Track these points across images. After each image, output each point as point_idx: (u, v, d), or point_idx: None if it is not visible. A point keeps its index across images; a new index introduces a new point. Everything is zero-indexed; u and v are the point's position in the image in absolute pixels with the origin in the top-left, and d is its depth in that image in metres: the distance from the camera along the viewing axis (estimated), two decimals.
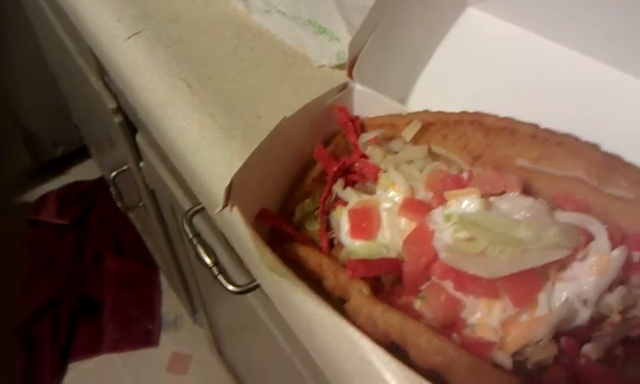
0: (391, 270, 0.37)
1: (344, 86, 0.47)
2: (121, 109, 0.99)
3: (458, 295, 0.35)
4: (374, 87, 0.46)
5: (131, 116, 0.96)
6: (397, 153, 0.42)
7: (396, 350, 0.34)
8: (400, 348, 0.34)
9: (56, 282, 1.65)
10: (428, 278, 0.36)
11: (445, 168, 0.41)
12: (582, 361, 0.33)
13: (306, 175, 0.44)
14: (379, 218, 0.39)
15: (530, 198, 0.36)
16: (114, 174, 1.15)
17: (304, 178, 0.44)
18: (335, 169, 0.42)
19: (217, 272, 0.67)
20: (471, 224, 0.35)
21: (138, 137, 0.99)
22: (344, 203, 0.42)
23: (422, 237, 0.36)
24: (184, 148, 0.51)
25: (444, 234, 0.36)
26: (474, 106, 0.41)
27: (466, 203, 0.36)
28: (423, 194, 0.40)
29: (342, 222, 0.40)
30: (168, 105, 0.53)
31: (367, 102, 0.46)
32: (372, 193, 0.42)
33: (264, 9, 0.60)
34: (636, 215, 0.35)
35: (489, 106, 0.40)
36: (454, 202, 0.37)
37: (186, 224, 0.70)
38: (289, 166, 0.44)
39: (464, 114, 0.41)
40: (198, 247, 0.69)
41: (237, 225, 0.43)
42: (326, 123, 0.46)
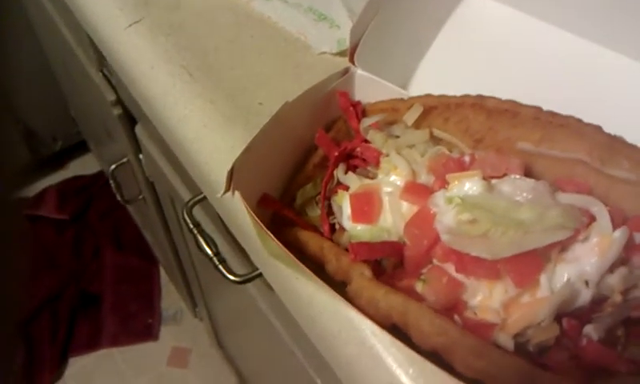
0: (393, 253, 0.37)
1: (345, 71, 0.47)
2: (120, 101, 0.99)
3: (460, 277, 0.35)
4: (375, 72, 0.46)
5: (130, 108, 0.96)
6: (398, 137, 0.42)
7: (397, 332, 0.34)
8: (401, 331, 0.34)
9: (56, 277, 1.65)
10: (430, 261, 0.36)
11: (447, 152, 0.41)
12: (584, 342, 0.33)
13: (307, 161, 0.44)
14: (381, 202, 0.39)
15: (532, 180, 0.36)
16: (114, 167, 1.15)
17: (305, 164, 0.44)
18: (336, 154, 0.42)
19: (217, 262, 0.67)
20: (473, 206, 0.35)
21: (138, 129, 0.99)
22: (345, 188, 0.42)
23: (423, 220, 0.36)
24: (185, 136, 0.51)
25: (446, 217, 0.36)
26: (475, 90, 0.41)
27: (468, 185, 0.36)
28: (425, 178, 0.40)
29: (344, 206, 0.40)
30: (169, 93, 0.53)
31: (368, 87, 0.46)
32: (373, 177, 0.42)
33: None
34: (638, 197, 0.35)
35: (490, 89, 0.40)
36: (455, 185, 0.37)
37: (187, 214, 0.70)
38: (290, 151, 0.44)
39: (465, 97, 0.41)
40: (199, 237, 0.69)
41: (238, 211, 0.43)
42: (328, 108, 0.46)
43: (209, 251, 0.68)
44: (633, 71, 0.40)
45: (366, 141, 0.43)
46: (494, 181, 0.37)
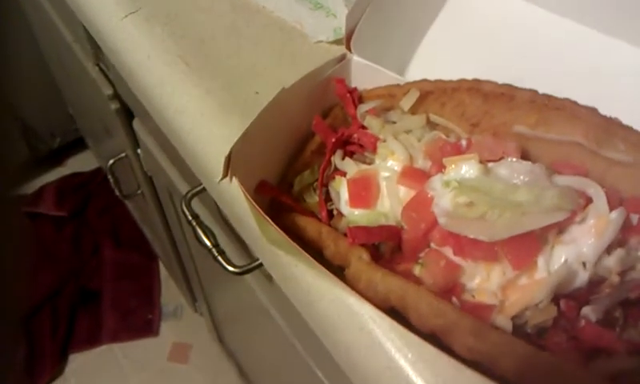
0: (391, 237, 0.37)
1: (342, 57, 0.46)
2: (117, 95, 0.99)
3: (457, 260, 0.35)
4: (371, 59, 0.46)
5: (128, 102, 0.96)
6: (395, 123, 0.42)
7: (396, 316, 0.34)
8: (400, 314, 0.34)
9: (55, 274, 1.65)
10: (427, 245, 0.36)
11: (443, 137, 0.41)
12: (582, 323, 0.33)
13: (304, 148, 0.44)
14: (378, 187, 0.39)
15: (529, 163, 0.36)
16: (112, 162, 1.15)
17: (302, 151, 0.44)
18: (334, 140, 0.42)
19: (216, 253, 0.67)
20: (470, 189, 0.35)
21: (135, 123, 0.99)
22: (343, 174, 0.42)
23: (421, 204, 0.36)
24: (182, 126, 0.51)
25: (443, 200, 0.36)
26: (472, 75, 0.41)
27: (465, 169, 0.36)
28: (422, 163, 0.40)
29: (342, 191, 0.40)
30: (166, 83, 0.53)
31: (365, 74, 0.46)
32: (371, 163, 0.42)
33: None
34: (634, 178, 0.35)
35: (486, 73, 0.40)
36: (452, 168, 0.37)
37: (185, 206, 0.70)
38: (287, 138, 0.44)
39: (462, 81, 0.41)
40: (197, 229, 0.69)
41: (236, 199, 0.43)
42: (324, 96, 0.46)
43: (207, 243, 0.68)
44: (628, 55, 0.40)
45: (363, 127, 0.43)
46: (490, 164, 0.37)
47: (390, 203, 0.38)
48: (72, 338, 1.59)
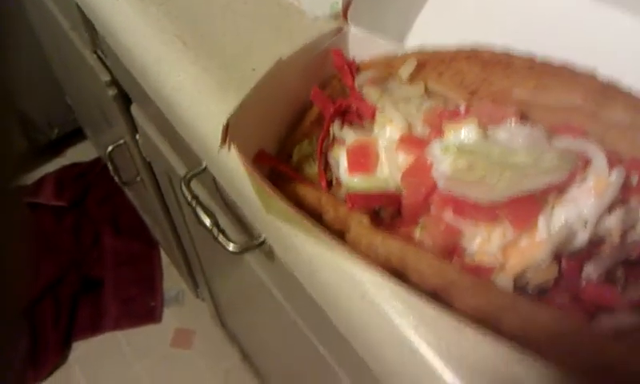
0: (390, 202, 0.37)
1: (339, 29, 0.46)
2: (115, 81, 0.98)
3: (458, 223, 0.35)
4: (369, 29, 0.46)
5: (125, 87, 0.96)
6: (393, 92, 0.42)
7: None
8: (401, 277, 0.34)
9: (56, 263, 1.65)
10: (427, 210, 0.36)
11: (442, 105, 0.41)
12: (583, 283, 0.33)
13: (302, 118, 0.44)
14: (377, 154, 0.39)
15: (528, 126, 0.36)
16: (110, 149, 1.15)
17: (301, 121, 0.44)
18: (332, 109, 0.42)
19: (217, 233, 0.67)
20: (469, 152, 0.35)
21: (133, 108, 0.99)
22: (342, 143, 0.42)
23: (420, 169, 0.36)
24: (180, 103, 0.51)
25: (442, 165, 0.36)
26: (471, 41, 0.41)
27: (464, 133, 0.36)
28: (420, 131, 0.40)
29: (341, 159, 0.40)
30: (163, 61, 0.53)
31: (362, 45, 0.46)
32: (369, 132, 0.42)
33: None
34: (633, 139, 0.35)
35: (485, 40, 0.40)
36: (451, 133, 0.37)
37: (185, 186, 0.70)
38: (285, 109, 0.44)
39: (460, 50, 0.40)
40: (198, 209, 0.69)
41: (235, 172, 0.43)
42: (322, 67, 0.45)
43: (208, 222, 0.68)
44: (625, 22, 0.40)
45: (361, 98, 0.43)
46: (489, 130, 0.37)
47: (389, 170, 0.38)
48: (75, 326, 1.59)
